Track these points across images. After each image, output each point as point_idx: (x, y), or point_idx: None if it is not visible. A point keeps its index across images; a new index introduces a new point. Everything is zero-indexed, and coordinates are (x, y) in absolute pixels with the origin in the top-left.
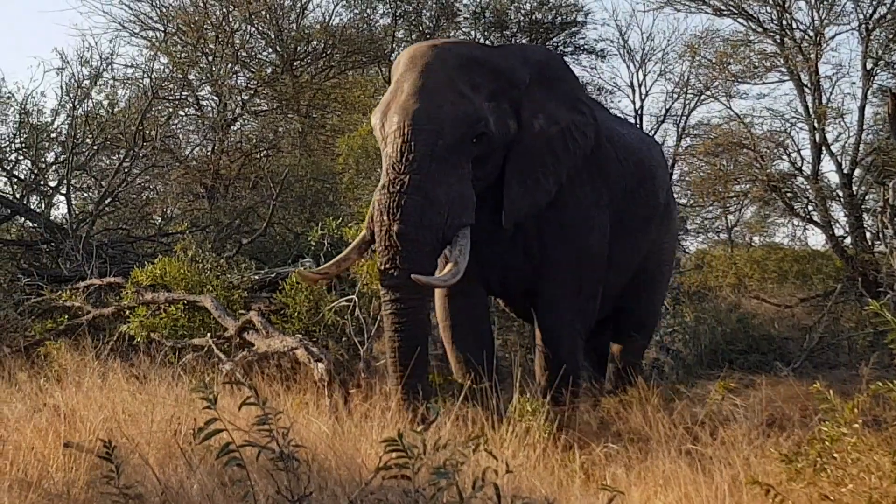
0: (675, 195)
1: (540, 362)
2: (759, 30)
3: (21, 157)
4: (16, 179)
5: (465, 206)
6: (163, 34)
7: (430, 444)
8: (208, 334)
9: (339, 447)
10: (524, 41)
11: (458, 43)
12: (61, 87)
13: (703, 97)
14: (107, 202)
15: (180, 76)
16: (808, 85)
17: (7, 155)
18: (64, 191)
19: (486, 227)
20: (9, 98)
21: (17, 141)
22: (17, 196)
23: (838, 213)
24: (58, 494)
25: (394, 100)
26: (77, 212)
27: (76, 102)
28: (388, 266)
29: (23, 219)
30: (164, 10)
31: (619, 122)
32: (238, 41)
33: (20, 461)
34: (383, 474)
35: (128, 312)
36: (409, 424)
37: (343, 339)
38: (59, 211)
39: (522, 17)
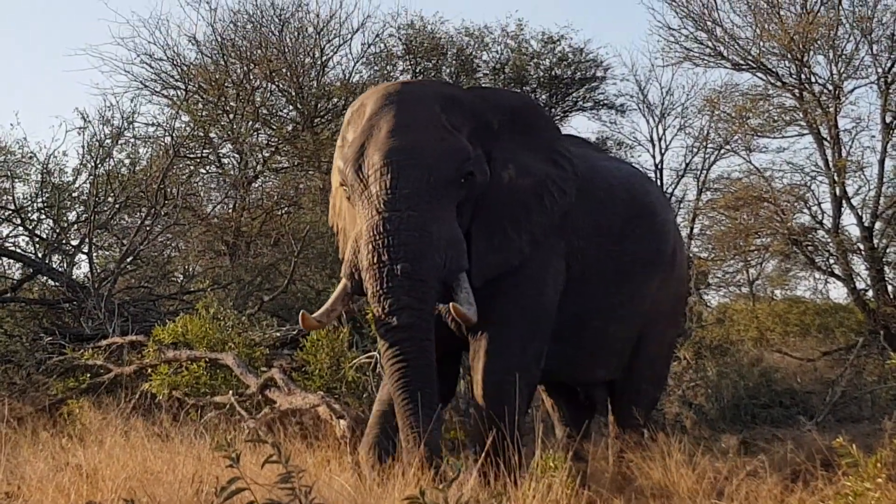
0: (697, 249)
1: (479, 421)
2: (778, 84)
3: (43, 217)
4: (38, 239)
5: (461, 249)
6: (184, 93)
7: (452, 501)
8: (230, 392)
9: None
10: (544, 97)
11: (432, 82)
12: (83, 147)
13: (722, 151)
14: (128, 260)
15: (201, 134)
16: (828, 138)
17: (29, 214)
18: (86, 249)
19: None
20: (31, 158)
21: (39, 200)
22: (40, 255)
23: (859, 266)
24: None
25: (370, 139)
26: (99, 270)
27: (98, 161)
28: (392, 308)
29: (45, 278)
30: (185, 68)
31: (608, 158)
32: (259, 99)
33: None
34: None
35: (150, 370)
36: (431, 482)
37: (364, 395)
38: (81, 270)
39: (542, 73)
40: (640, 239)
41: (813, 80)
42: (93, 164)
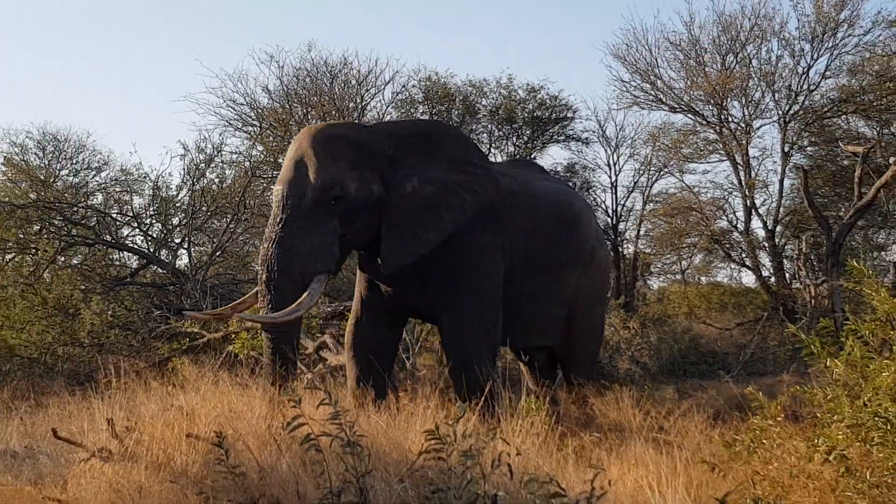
0: (643, 246)
1: (456, 388)
2: (704, 122)
3: (154, 221)
4: (150, 238)
5: (322, 257)
6: (259, 129)
7: (459, 433)
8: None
9: (391, 436)
10: (528, 132)
11: (327, 125)
12: (184, 169)
13: (662, 173)
14: (217, 254)
15: (272, 160)
16: (741, 163)
17: (143, 219)
18: (185, 246)
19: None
20: (145, 177)
21: (151, 209)
22: (151, 250)
23: (765, 259)
24: (181, 473)
25: (281, 173)
26: (195, 261)
27: (195, 180)
28: (264, 302)
29: (155, 267)
30: (260, 111)
31: (545, 178)
32: None
33: (153, 448)
34: (425, 457)
35: (233, 336)
36: (443, 419)
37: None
38: (182, 261)
39: (527, 115)
40: (563, 240)
41: (730, 119)
42: (191, 182)
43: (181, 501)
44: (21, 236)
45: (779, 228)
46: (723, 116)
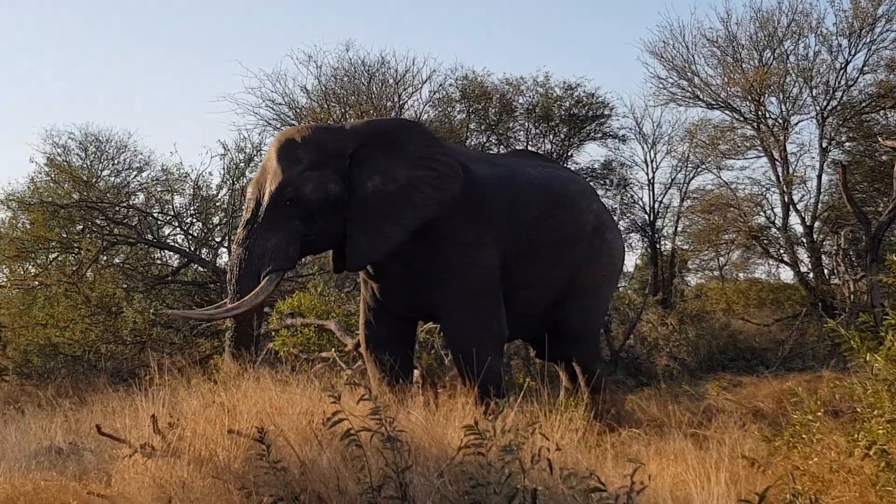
0: (680, 243)
1: (466, 383)
2: (741, 119)
3: (195, 220)
4: (191, 236)
5: (275, 257)
6: None
7: (498, 429)
8: (333, 349)
9: (431, 432)
10: (565, 130)
11: (292, 128)
12: (224, 169)
13: (699, 169)
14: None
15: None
16: (779, 159)
17: (184, 218)
18: (226, 244)
19: (372, 270)
20: (185, 177)
21: (192, 208)
22: (192, 248)
23: (803, 255)
24: (223, 468)
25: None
26: None
27: (234, 179)
28: (230, 295)
29: (196, 265)
30: (298, 111)
31: (533, 164)
32: None
33: (195, 444)
34: (464, 452)
35: (274, 333)
36: (482, 414)
37: (433, 351)
38: (223, 259)
39: (563, 112)
40: (555, 224)
41: (767, 115)
42: (231, 181)
43: (224, 496)
44: (64, 236)
45: (817, 224)
46: (760, 112)
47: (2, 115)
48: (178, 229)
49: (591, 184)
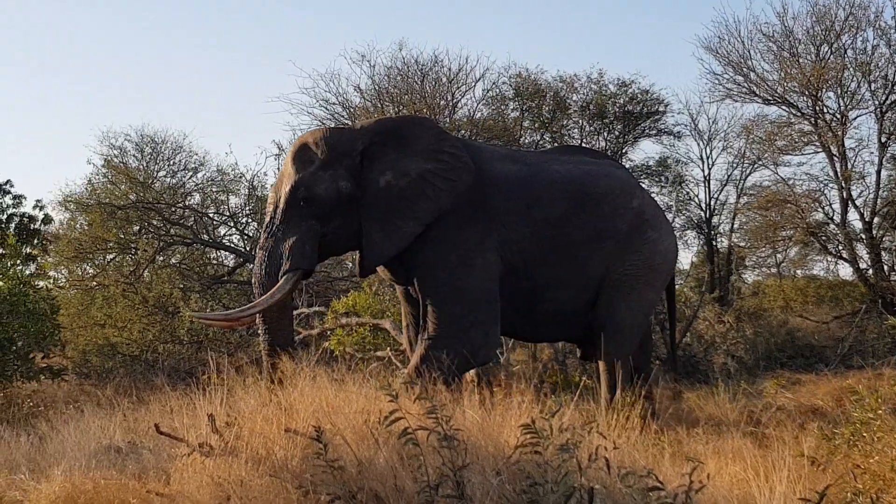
0: (737, 240)
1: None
2: (798, 114)
3: (250, 220)
4: (246, 236)
5: (292, 257)
6: None
7: (555, 428)
8: (388, 348)
9: (487, 431)
10: (619, 127)
11: (309, 132)
12: (278, 169)
13: (755, 165)
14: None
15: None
16: (837, 155)
17: (240, 218)
18: None
19: (388, 272)
20: (241, 177)
21: (247, 208)
22: (248, 248)
23: (862, 251)
24: (281, 467)
25: None
26: None
27: None
28: (254, 293)
29: (252, 265)
30: (352, 110)
31: (568, 161)
32: None
33: (253, 443)
34: (521, 450)
35: (329, 333)
36: (539, 413)
37: None
38: None
39: (618, 109)
40: (582, 222)
41: (825, 110)
42: None
43: (281, 495)
44: (121, 237)
45: (876, 220)
46: (818, 108)
47: (60, 117)
48: (234, 229)
49: (645, 181)
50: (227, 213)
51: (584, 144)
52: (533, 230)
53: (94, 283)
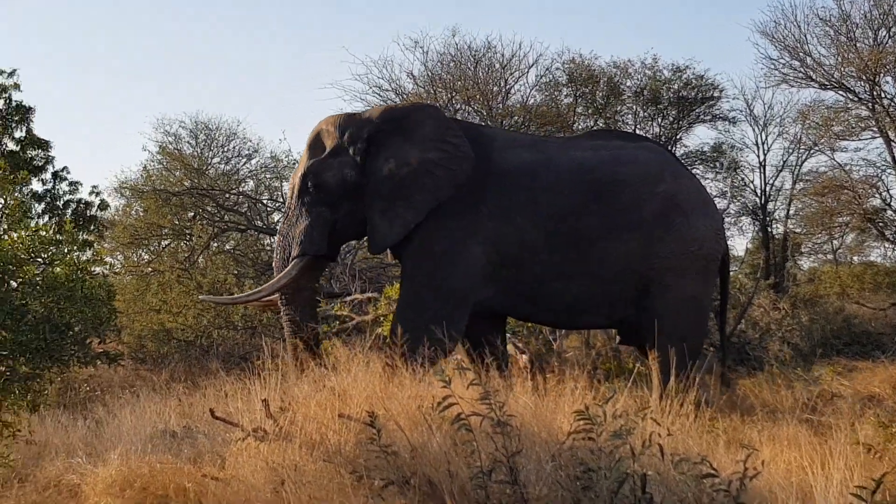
0: (792, 226)
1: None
2: (855, 99)
3: None
4: None
5: (301, 242)
6: None
7: (609, 414)
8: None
9: (540, 417)
10: (673, 113)
11: (324, 119)
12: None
13: (812, 151)
14: (365, 239)
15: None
16: (895, 140)
17: None
18: None
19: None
20: (294, 164)
21: None
22: None
23: None
24: (334, 452)
25: None
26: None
27: None
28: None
29: None
30: (405, 96)
31: (596, 146)
32: (459, 118)
33: (307, 428)
34: (574, 437)
35: (382, 318)
36: (592, 400)
37: (540, 336)
38: None
39: (672, 95)
40: (599, 210)
41: (883, 95)
42: None
43: (335, 480)
44: (176, 223)
45: None
46: (875, 93)
47: (115, 105)
48: None
49: (700, 167)
50: (281, 200)
51: (637, 130)
52: (535, 220)
53: (150, 268)
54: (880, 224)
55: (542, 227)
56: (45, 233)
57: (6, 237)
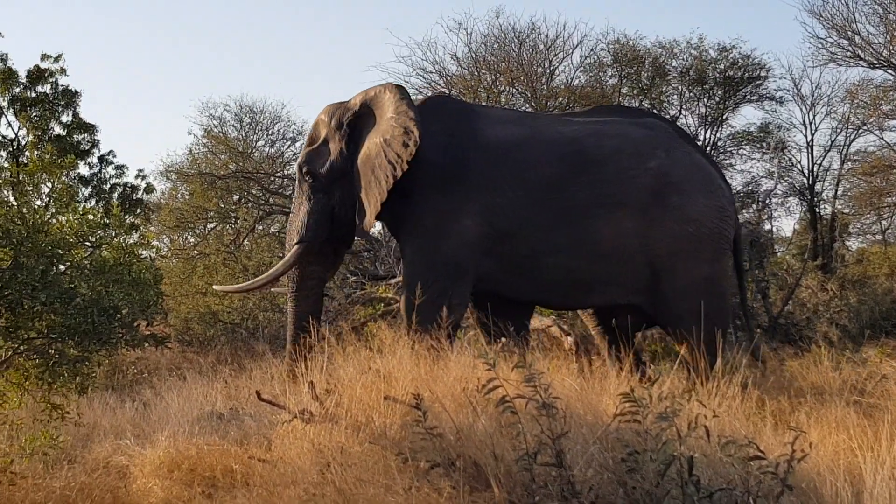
0: (840, 206)
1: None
2: None
3: None
4: None
5: (300, 230)
6: None
7: (654, 396)
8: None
9: (585, 399)
10: (720, 93)
11: (323, 108)
12: None
13: (860, 131)
14: None
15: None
16: None
17: None
18: None
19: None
20: None
21: None
22: None
23: None
24: (380, 434)
25: None
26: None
27: None
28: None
29: None
30: (449, 78)
31: (573, 121)
32: (503, 100)
33: (352, 410)
34: (619, 419)
35: None
36: (638, 382)
37: None
38: (376, 228)
39: (718, 75)
40: (585, 183)
41: None
42: None
43: (381, 462)
44: (222, 206)
45: None
46: None
47: (161, 89)
48: None
49: (746, 147)
50: None
51: (683, 111)
52: (525, 193)
53: (196, 251)
54: None
55: (531, 199)
56: (92, 216)
57: (54, 221)
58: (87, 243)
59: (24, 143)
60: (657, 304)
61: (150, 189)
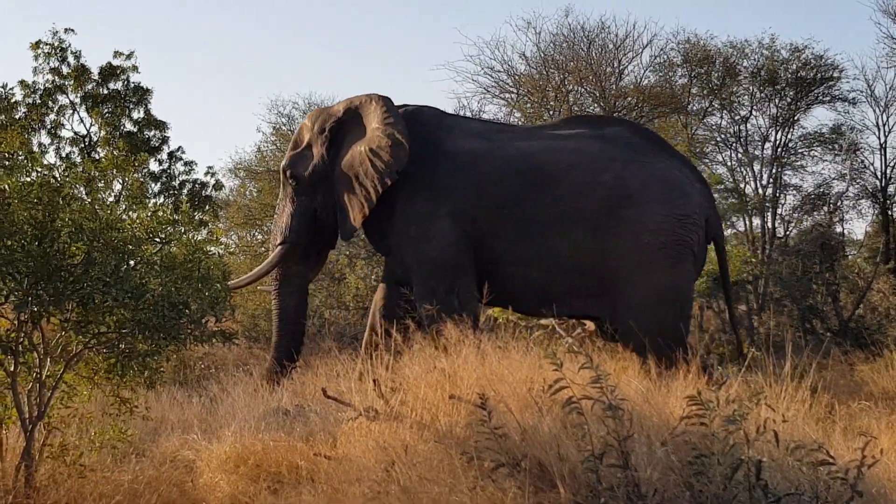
0: None
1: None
2: None
3: None
4: None
5: (283, 231)
6: (516, 96)
7: (722, 399)
8: (552, 318)
9: (652, 401)
10: (791, 93)
11: (311, 112)
12: None
13: None
14: None
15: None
16: None
17: None
18: None
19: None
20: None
21: None
22: None
23: None
24: (445, 433)
25: None
26: None
27: None
28: None
29: None
30: (517, 78)
31: (529, 136)
32: (571, 99)
33: (417, 408)
34: (686, 422)
35: None
36: (705, 385)
37: None
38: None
39: (790, 75)
40: (538, 200)
41: None
42: None
43: (445, 461)
44: None
45: None
46: None
47: (231, 87)
48: None
49: (818, 149)
50: None
51: (753, 112)
52: (486, 206)
53: (263, 248)
54: None
55: (493, 212)
56: (162, 213)
57: (126, 217)
58: (157, 239)
59: (95, 139)
60: (616, 316)
61: (218, 186)
